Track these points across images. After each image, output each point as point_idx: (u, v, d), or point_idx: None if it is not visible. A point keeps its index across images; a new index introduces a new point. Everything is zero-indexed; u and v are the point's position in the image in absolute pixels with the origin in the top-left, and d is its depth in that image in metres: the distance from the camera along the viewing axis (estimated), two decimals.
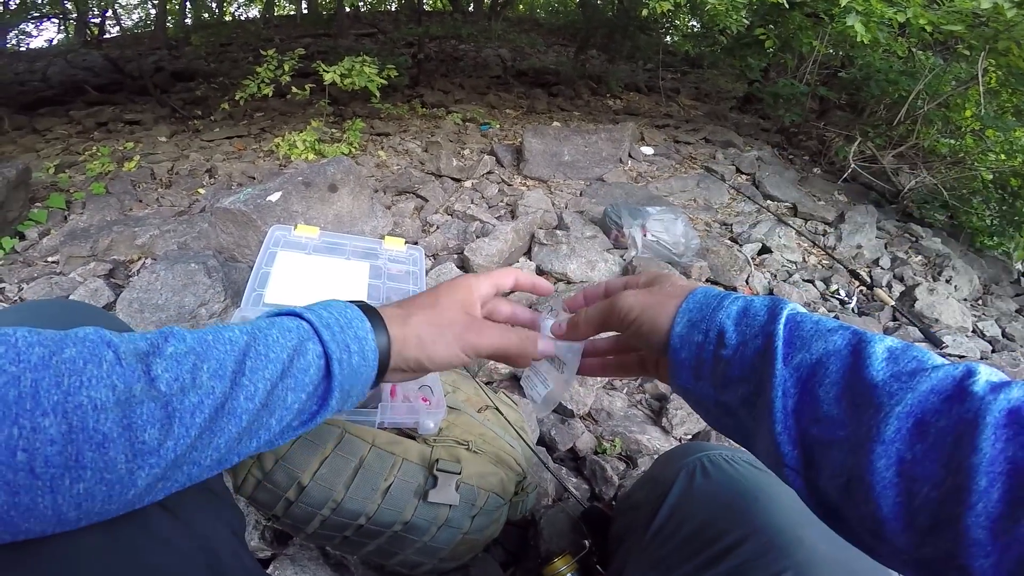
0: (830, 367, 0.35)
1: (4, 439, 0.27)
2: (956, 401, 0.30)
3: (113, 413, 0.30)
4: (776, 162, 3.29)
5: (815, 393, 0.35)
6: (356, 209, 1.77)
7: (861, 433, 0.32)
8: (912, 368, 0.32)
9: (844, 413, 0.33)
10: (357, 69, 2.86)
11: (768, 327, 0.38)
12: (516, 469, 0.95)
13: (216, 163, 2.81)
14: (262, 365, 0.36)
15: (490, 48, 6.24)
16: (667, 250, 1.83)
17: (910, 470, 0.30)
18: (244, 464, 0.76)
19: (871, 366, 0.33)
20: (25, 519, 0.29)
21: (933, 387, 0.31)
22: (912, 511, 0.30)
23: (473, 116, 3.72)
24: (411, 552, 0.82)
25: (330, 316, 0.41)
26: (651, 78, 5.40)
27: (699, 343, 0.40)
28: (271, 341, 0.37)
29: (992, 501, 0.27)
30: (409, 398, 0.91)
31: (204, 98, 4.26)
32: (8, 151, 3.35)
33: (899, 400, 0.31)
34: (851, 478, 0.32)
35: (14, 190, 2.14)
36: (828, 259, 2.24)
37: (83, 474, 0.29)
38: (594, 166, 2.81)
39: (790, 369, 0.36)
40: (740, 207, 2.65)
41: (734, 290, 1.84)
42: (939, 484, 0.29)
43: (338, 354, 0.39)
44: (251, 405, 0.35)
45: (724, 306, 0.40)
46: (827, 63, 3.67)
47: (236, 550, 0.50)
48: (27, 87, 5.23)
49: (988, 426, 0.28)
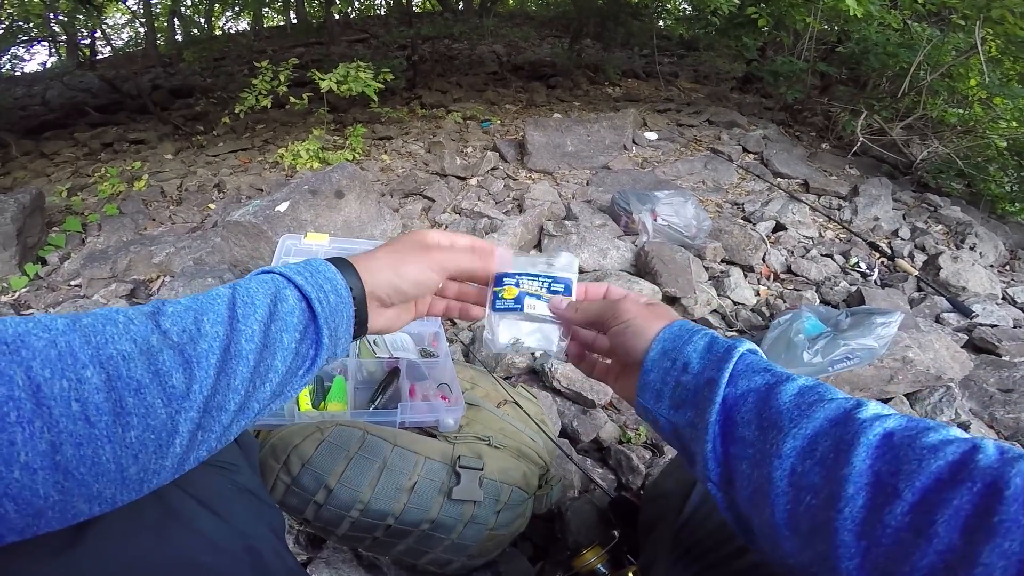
0: (749, 399, 0.41)
1: (59, 392, 0.30)
2: (842, 425, 0.36)
3: (140, 362, 0.33)
4: (783, 140, 3.24)
5: (734, 419, 0.41)
6: (364, 213, 1.78)
7: (765, 450, 0.38)
8: (812, 400, 0.39)
9: (754, 435, 0.40)
10: (352, 75, 2.86)
11: (721, 364, 0.44)
12: (539, 462, 0.94)
13: (223, 177, 2.83)
14: (251, 311, 0.39)
15: (484, 45, 6.22)
16: (679, 233, 1.80)
17: (799, 481, 0.35)
18: (271, 469, 0.77)
19: (779, 399, 0.40)
20: (94, 476, 0.31)
21: (827, 415, 0.37)
22: (797, 517, 0.35)
23: (473, 114, 3.71)
24: (440, 550, 0.81)
25: (298, 267, 0.45)
26: (648, 64, 5.35)
27: (667, 368, 0.47)
28: (252, 291, 0.41)
29: (857, 507, 0.32)
30: (428, 396, 0.91)
31: (204, 113, 4.30)
32: (20, 177, 3.41)
33: (797, 424, 0.38)
34: (756, 488, 0.38)
35: (30, 216, 2.17)
36: (845, 233, 2.20)
37: (131, 420, 0.32)
38: (598, 155, 2.79)
39: (723, 400, 0.42)
40: (750, 186, 2.62)
41: (751, 270, 1.82)
42: (819, 493, 0.34)
43: (315, 293, 0.43)
44: (252, 345, 0.38)
45: (694, 340, 0.46)
46: (823, 39, 3.61)
47: (278, 550, 0.52)
48: (28, 111, 5.31)
49: (862, 445, 0.34)
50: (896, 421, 0.35)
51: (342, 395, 0.88)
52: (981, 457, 0.30)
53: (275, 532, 0.54)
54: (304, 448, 0.76)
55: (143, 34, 8.07)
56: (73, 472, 0.30)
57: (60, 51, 7.59)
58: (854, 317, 1.37)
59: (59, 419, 0.29)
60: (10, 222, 2.03)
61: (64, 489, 0.30)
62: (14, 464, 0.28)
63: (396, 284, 0.49)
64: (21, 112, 5.32)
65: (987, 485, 0.29)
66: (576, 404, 1.23)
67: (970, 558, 0.27)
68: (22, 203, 2.13)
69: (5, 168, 3.64)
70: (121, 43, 8.63)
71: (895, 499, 0.31)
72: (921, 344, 1.34)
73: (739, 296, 1.65)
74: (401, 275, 0.49)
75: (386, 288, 0.48)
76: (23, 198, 2.16)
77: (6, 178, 3.43)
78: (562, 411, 1.20)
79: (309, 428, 0.78)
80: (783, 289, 1.76)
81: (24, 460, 0.28)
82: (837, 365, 1.29)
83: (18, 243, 2.06)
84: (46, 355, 0.30)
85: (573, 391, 1.22)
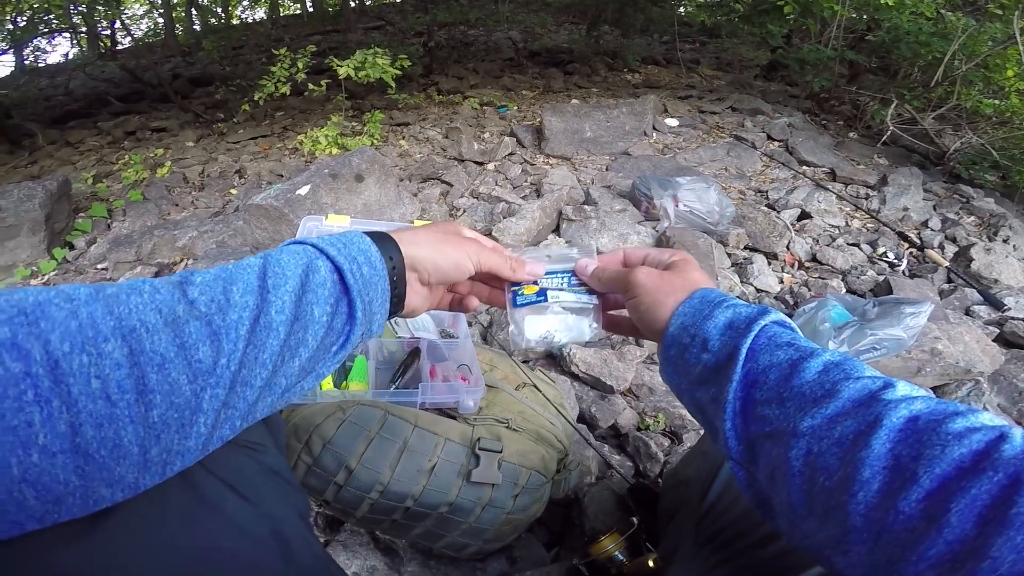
0: (770, 376, 0.40)
1: (78, 368, 0.28)
2: (865, 406, 0.34)
3: (165, 334, 0.31)
4: (809, 128, 3.16)
5: (754, 397, 0.40)
6: (383, 197, 1.78)
7: (783, 429, 0.37)
8: (837, 378, 0.37)
9: (774, 413, 0.38)
10: (370, 61, 2.85)
11: (740, 339, 0.42)
12: (557, 446, 0.94)
13: (244, 164, 2.86)
14: (282, 282, 0.37)
15: (500, 31, 6.15)
16: (701, 219, 1.77)
17: (815, 461, 0.34)
18: (293, 450, 0.77)
19: (802, 376, 0.38)
20: (115, 459, 0.29)
21: (851, 395, 0.35)
22: (813, 498, 0.34)
23: (490, 100, 3.69)
24: (457, 534, 0.81)
25: (332, 238, 0.43)
26: (668, 50, 5.24)
27: (686, 345, 0.45)
28: (283, 262, 0.39)
29: (871, 491, 0.31)
30: (448, 377, 0.91)
31: (224, 101, 4.34)
32: (47, 165, 3.49)
33: (818, 403, 0.36)
34: (775, 468, 0.37)
35: (58, 202, 2.23)
36: (873, 222, 2.14)
37: (153, 399, 0.30)
38: (617, 140, 2.75)
39: (743, 376, 0.41)
40: (775, 174, 2.56)
41: (775, 257, 1.78)
42: (833, 475, 0.33)
43: (347, 265, 0.41)
44: (283, 317, 0.36)
45: (714, 316, 0.44)
46: (852, 27, 3.52)
47: (305, 535, 0.51)
48: (53, 102, 5.43)
49: (884, 428, 0.32)
50: (924, 404, 0.33)
51: (363, 375, 0.88)
52: (1007, 447, 0.29)
53: (301, 515, 0.53)
54: (326, 428, 0.76)
55: (161, 24, 8.13)
56: (94, 455, 0.28)
57: (81, 42, 7.70)
58: (882, 307, 1.34)
59: (78, 398, 0.28)
60: (38, 208, 2.09)
61: (85, 473, 0.28)
62: (32, 447, 0.26)
63: (438, 261, 0.47)
64: (46, 102, 5.43)
65: (1009, 476, 0.28)
66: (594, 390, 1.22)
67: (980, 550, 0.26)
68: (49, 190, 2.18)
69: (32, 157, 3.73)
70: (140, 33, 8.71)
71: (912, 485, 0.30)
72: (951, 336, 1.30)
73: (762, 283, 1.62)
74: (444, 254, 0.48)
75: (428, 264, 0.47)
76: (50, 185, 2.21)
77: (33, 166, 3.51)
78: (580, 396, 1.19)
79: (330, 407, 0.78)
80: (808, 277, 1.72)
81: (43, 443, 0.26)
82: (863, 355, 1.26)
83: (46, 228, 2.11)
84: (66, 327, 0.28)
85: (592, 376, 1.20)
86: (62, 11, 4.57)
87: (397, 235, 0.47)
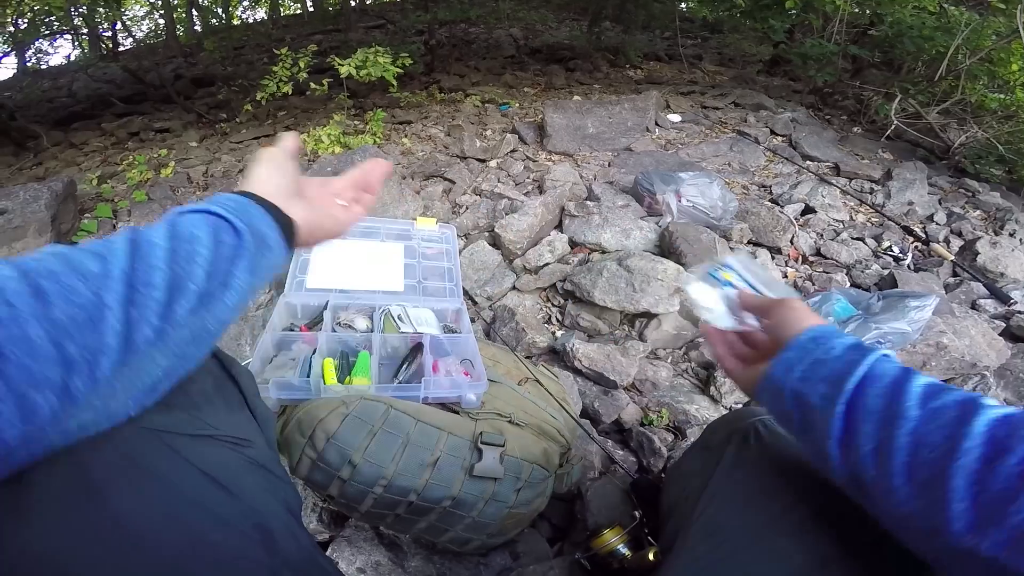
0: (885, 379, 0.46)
1: None
2: (966, 404, 0.40)
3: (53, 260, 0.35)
4: (812, 122, 3.14)
5: (867, 392, 0.46)
6: (386, 195, 1.78)
7: (892, 412, 0.43)
8: (940, 389, 0.43)
9: (882, 404, 0.44)
10: (371, 60, 2.85)
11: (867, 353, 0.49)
12: (560, 441, 0.94)
13: (248, 163, 2.86)
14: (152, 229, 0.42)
15: (500, 28, 6.14)
16: (704, 214, 1.76)
17: (920, 438, 0.40)
18: (297, 444, 0.77)
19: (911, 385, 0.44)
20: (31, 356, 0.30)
21: (953, 397, 0.42)
22: (914, 468, 0.39)
23: (491, 97, 3.68)
24: (460, 528, 0.81)
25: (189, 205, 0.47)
26: (670, 46, 5.22)
27: (810, 350, 0.53)
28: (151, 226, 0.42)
29: (972, 458, 0.36)
30: (451, 372, 0.91)
31: (227, 101, 4.35)
32: (52, 166, 3.51)
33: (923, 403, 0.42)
34: (877, 445, 0.43)
35: (63, 203, 2.23)
36: (878, 216, 2.13)
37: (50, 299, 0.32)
38: (620, 136, 2.74)
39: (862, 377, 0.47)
40: (778, 168, 2.55)
41: (779, 252, 1.78)
42: (937, 448, 0.39)
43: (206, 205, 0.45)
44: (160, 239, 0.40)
45: (843, 337, 0.53)
46: (854, 22, 3.51)
47: (292, 529, 0.51)
48: (56, 103, 5.45)
49: (983, 415, 0.39)
50: (1015, 409, 0.39)
51: (366, 370, 0.89)
52: None
53: (290, 510, 0.54)
54: (329, 422, 0.76)
55: (163, 25, 8.16)
56: (6, 353, 0.29)
57: (83, 44, 7.72)
58: (886, 300, 1.33)
59: None
60: (44, 209, 2.09)
61: (4, 374, 0.29)
62: None
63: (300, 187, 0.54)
64: (49, 104, 5.45)
65: None
66: (597, 385, 1.22)
67: None
68: (55, 191, 2.19)
69: (37, 158, 3.75)
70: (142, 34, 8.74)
71: (1008, 453, 0.35)
72: (956, 330, 1.30)
73: None
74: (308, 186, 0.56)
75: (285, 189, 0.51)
76: (56, 186, 2.22)
77: (39, 168, 3.53)
78: (583, 391, 1.19)
79: (334, 402, 0.78)
80: (812, 272, 1.71)
81: None
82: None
83: (52, 229, 2.12)
84: None
85: (595, 371, 1.20)
86: (63, 12, 4.58)
87: None
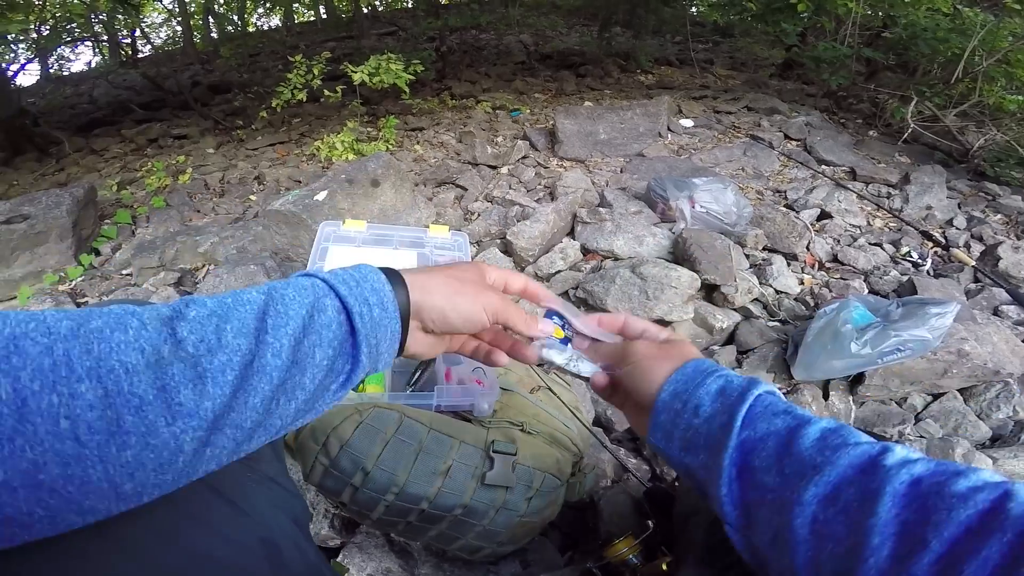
0: (768, 443, 0.41)
1: (47, 407, 0.27)
2: (867, 473, 0.35)
3: (145, 375, 0.30)
4: (827, 126, 3.11)
5: (753, 465, 0.41)
6: (399, 202, 1.80)
7: (786, 497, 0.38)
8: (836, 444, 0.38)
9: (774, 481, 0.39)
10: (384, 67, 2.89)
11: (735, 407, 0.43)
12: (572, 449, 0.93)
13: (263, 170, 2.91)
14: (283, 322, 0.36)
15: (511, 35, 6.17)
16: (718, 220, 1.75)
17: (821, 529, 0.35)
18: (310, 451, 0.78)
19: (802, 443, 0.39)
20: (83, 494, 0.29)
21: (851, 461, 0.37)
22: (819, 564, 0.35)
23: (502, 104, 3.70)
24: (471, 537, 0.81)
25: (344, 274, 0.41)
26: (681, 51, 5.20)
27: (677, 411, 0.47)
28: (288, 299, 0.37)
29: (882, 557, 0.31)
30: (464, 380, 0.91)
31: (243, 108, 4.42)
32: (73, 172, 3.59)
33: (819, 470, 0.37)
34: (776, 534, 0.38)
35: (84, 209, 2.29)
36: (896, 221, 2.09)
37: (128, 440, 0.29)
38: (632, 142, 2.73)
39: (739, 443, 0.42)
40: (793, 173, 2.52)
41: (794, 258, 1.76)
42: (842, 542, 0.34)
43: (357, 307, 0.39)
44: (279, 362, 0.35)
45: (706, 384, 0.46)
46: (868, 24, 3.49)
47: (298, 542, 0.50)
48: (78, 109, 5.59)
49: (887, 494, 0.33)
50: (923, 466, 0.35)
51: (379, 377, 0.89)
52: (1013, 505, 0.30)
53: (297, 523, 0.52)
54: (343, 430, 0.77)
55: (180, 32, 8.34)
56: (59, 491, 0.28)
57: (103, 51, 7.93)
58: (906, 307, 1.30)
59: (44, 438, 0.27)
60: (66, 215, 2.14)
61: (50, 507, 0.28)
62: None
63: (446, 313, 0.45)
64: (71, 110, 5.60)
65: (1017, 534, 0.28)
66: None
67: None
68: (76, 197, 2.24)
69: (60, 164, 3.84)
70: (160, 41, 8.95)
71: (922, 550, 0.30)
72: (978, 337, 1.27)
73: (782, 284, 1.59)
74: (455, 305, 0.45)
75: (435, 314, 0.45)
76: (77, 192, 2.27)
77: (60, 174, 3.62)
78: (596, 399, 1.18)
79: (348, 410, 0.78)
80: (828, 278, 1.69)
81: (2, 478, 0.26)
82: (887, 357, 1.22)
83: (73, 235, 2.17)
84: (39, 364, 0.28)
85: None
86: (83, 19, 4.71)
87: (409, 276, 0.44)
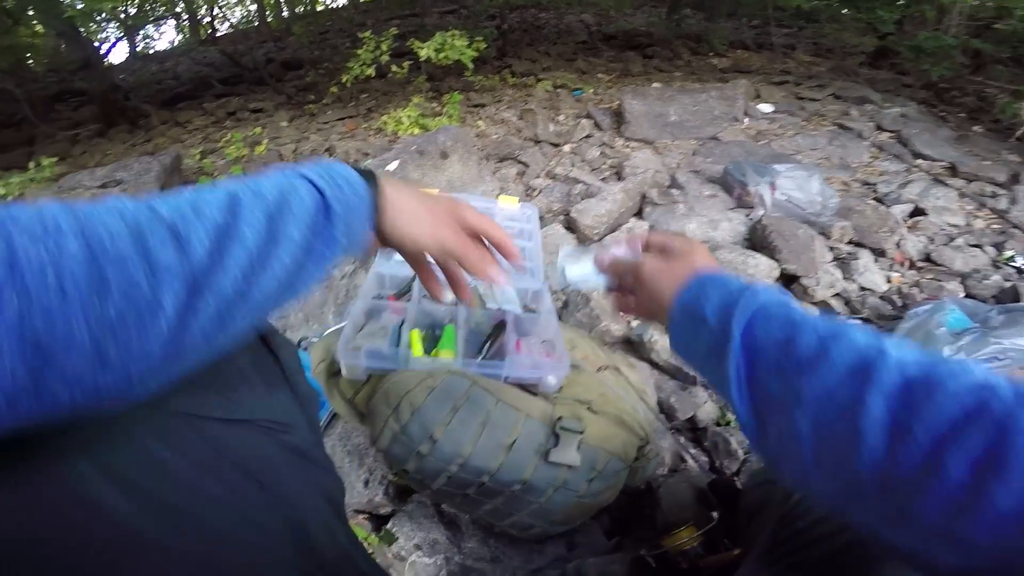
0: (770, 348, 0.43)
1: (35, 259, 0.28)
2: (862, 371, 0.37)
3: (127, 239, 0.31)
4: (925, 119, 2.85)
5: (756, 370, 0.44)
6: (466, 174, 1.81)
7: (788, 400, 0.40)
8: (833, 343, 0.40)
9: (777, 384, 0.42)
10: (449, 43, 2.89)
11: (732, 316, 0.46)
12: (639, 433, 0.90)
13: (334, 143, 3.01)
14: (259, 201, 0.37)
15: (571, 14, 6.02)
16: (800, 209, 1.63)
17: (820, 429, 0.38)
18: (381, 415, 0.78)
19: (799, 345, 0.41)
20: (66, 351, 0.28)
21: (846, 361, 0.38)
22: (822, 458, 0.38)
23: (564, 83, 3.63)
24: (525, 514, 0.80)
25: (315, 166, 0.43)
26: (759, 35, 4.90)
27: (688, 327, 0.50)
28: (262, 184, 0.39)
29: (876, 451, 0.34)
30: (533, 352, 0.90)
31: (314, 84, 4.57)
32: (160, 143, 3.86)
33: (815, 371, 0.39)
34: (783, 433, 0.40)
35: (170, 176, 2.46)
36: (1000, 223, 1.90)
37: (110, 294, 0.30)
38: (705, 125, 2.61)
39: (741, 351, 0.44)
40: (884, 166, 2.33)
41: (882, 254, 1.63)
42: (840, 438, 0.36)
43: (329, 189, 0.41)
44: (253, 231, 0.36)
45: (710, 297, 0.49)
46: (975, 15, 3.17)
47: (329, 522, 0.49)
48: (163, 85, 5.96)
49: (880, 393, 0.35)
50: (916, 368, 0.36)
51: (452, 343, 0.89)
52: (996, 401, 0.32)
53: (330, 500, 0.51)
54: (416, 395, 0.77)
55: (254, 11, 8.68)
56: (42, 343, 0.27)
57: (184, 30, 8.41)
58: (1009, 315, 1.20)
59: (31, 287, 0.27)
60: (155, 180, 2.32)
61: (33, 366, 0.27)
62: None
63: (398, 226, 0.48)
64: (157, 86, 5.98)
65: (998, 430, 0.31)
66: (675, 379, 1.17)
67: (978, 495, 0.30)
68: (164, 164, 2.42)
69: (148, 135, 4.13)
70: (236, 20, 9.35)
71: (911, 443, 0.33)
72: None
73: (867, 281, 1.48)
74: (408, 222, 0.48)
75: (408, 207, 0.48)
76: (164, 160, 2.45)
77: (148, 144, 3.89)
78: (659, 385, 1.15)
79: (421, 375, 0.79)
80: (920, 278, 1.55)
81: None
82: (984, 365, 1.12)
83: None
84: (30, 227, 0.28)
85: (672, 365, 1.16)
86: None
87: (387, 183, 0.47)
